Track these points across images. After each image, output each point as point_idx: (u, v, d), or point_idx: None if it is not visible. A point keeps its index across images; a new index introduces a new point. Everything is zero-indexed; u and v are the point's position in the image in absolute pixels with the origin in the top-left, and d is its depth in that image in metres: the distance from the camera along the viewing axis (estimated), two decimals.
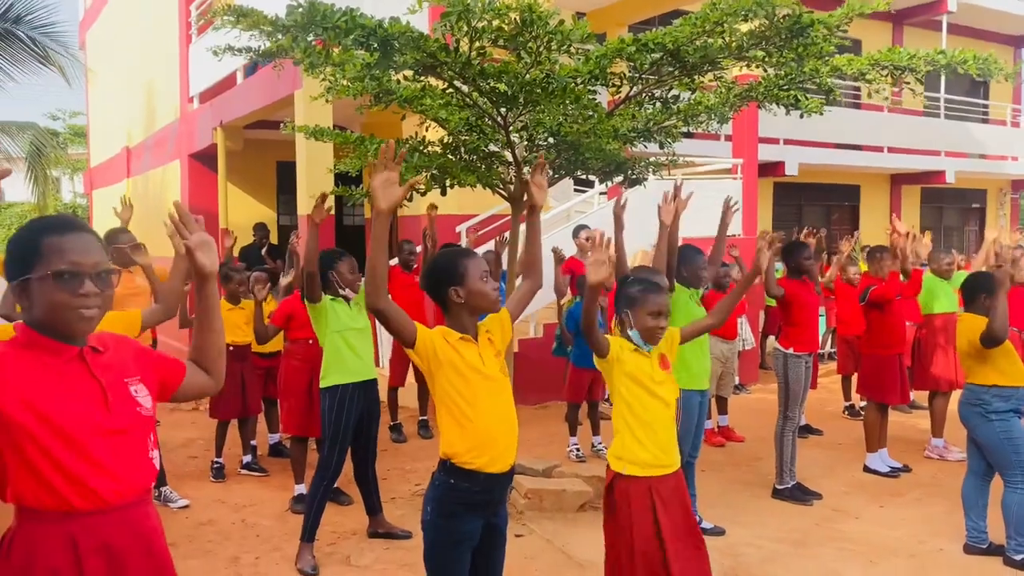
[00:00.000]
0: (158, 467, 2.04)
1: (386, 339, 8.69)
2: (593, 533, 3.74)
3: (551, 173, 5.71)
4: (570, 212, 10.55)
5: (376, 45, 4.05)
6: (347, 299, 4.72)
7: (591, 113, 4.74)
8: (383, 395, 6.78)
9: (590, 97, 4.71)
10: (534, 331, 8.87)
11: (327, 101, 5.39)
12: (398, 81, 4.89)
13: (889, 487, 6.02)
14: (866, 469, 6.35)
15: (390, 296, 2.69)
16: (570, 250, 8.17)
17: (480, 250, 7.98)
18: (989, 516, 4.70)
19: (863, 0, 4.47)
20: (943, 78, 14.65)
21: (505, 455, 2.78)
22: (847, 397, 8.38)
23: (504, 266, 6.17)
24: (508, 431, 2.80)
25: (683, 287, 4.92)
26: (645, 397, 3.16)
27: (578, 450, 6.60)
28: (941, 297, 6.93)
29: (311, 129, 5.60)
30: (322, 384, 4.63)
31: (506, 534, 2.97)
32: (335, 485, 4.84)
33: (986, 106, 18.21)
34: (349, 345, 4.62)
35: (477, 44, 4.26)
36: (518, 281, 3.20)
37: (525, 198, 3.06)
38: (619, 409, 3.21)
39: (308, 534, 4.50)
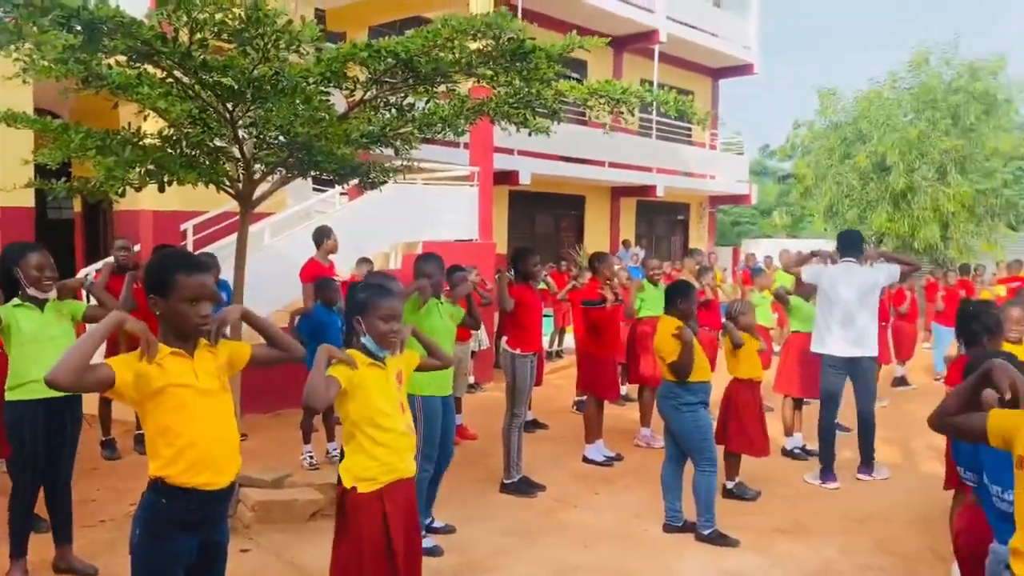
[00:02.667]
0: None
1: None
2: (324, 542, 3.67)
3: (284, 172, 5.55)
4: (309, 211, 10.32)
5: (80, 28, 3.67)
6: (37, 301, 4.16)
7: (323, 115, 4.66)
8: (92, 408, 6.20)
9: (322, 98, 4.63)
10: None
11: (24, 82, 4.80)
12: (109, 66, 4.48)
13: (604, 475, 6.56)
14: (585, 459, 6.87)
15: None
16: (305, 251, 7.99)
17: (217, 248, 7.56)
18: (684, 498, 5.29)
19: (580, 39, 4.83)
20: (655, 103, 16.25)
21: (225, 471, 2.66)
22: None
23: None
24: (227, 446, 2.68)
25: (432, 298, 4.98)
26: (379, 418, 3.11)
27: (311, 457, 6.46)
28: (648, 301, 7.66)
29: (4, 114, 4.96)
30: (6, 398, 4.11)
31: (227, 550, 2.84)
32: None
33: (690, 129, 20.45)
34: (38, 357, 3.96)
35: (199, 35, 4.02)
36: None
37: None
38: (351, 430, 3.14)
39: (16, 550, 4.17)
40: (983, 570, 2.81)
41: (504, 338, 6.26)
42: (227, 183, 5.23)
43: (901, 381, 10.57)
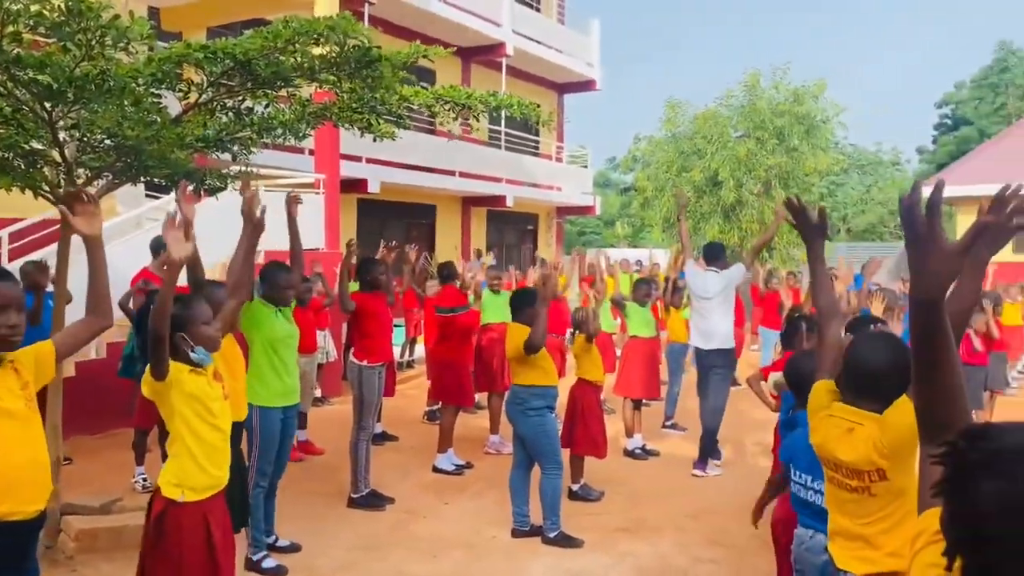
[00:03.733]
0: None
1: None
2: None
3: (111, 178, 5.22)
4: (141, 219, 9.74)
5: None
6: None
7: (154, 118, 4.42)
8: None
9: (153, 100, 4.40)
10: (96, 351, 7.99)
11: None
12: None
13: (454, 484, 6.57)
14: (435, 469, 6.86)
15: None
16: (138, 260, 7.55)
17: (38, 258, 6.98)
18: (532, 501, 5.38)
19: (425, 48, 4.85)
20: (503, 114, 16.54)
21: (30, 499, 2.47)
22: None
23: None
24: (34, 472, 2.48)
25: (268, 304, 4.81)
26: (207, 417, 3.05)
27: (144, 480, 6.09)
28: (491, 309, 7.76)
29: None
30: None
31: None
32: None
33: (537, 142, 20.93)
34: None
35: (11, 28, 3.72)
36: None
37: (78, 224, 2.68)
38: (179, 432, 3.03)
39: None
40: None
41: (352, 349, 6.16)
42: (46, 188, 4.86)
43: (732, 381, 11.24)
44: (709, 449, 6.94)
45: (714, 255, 7.31)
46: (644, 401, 7.76)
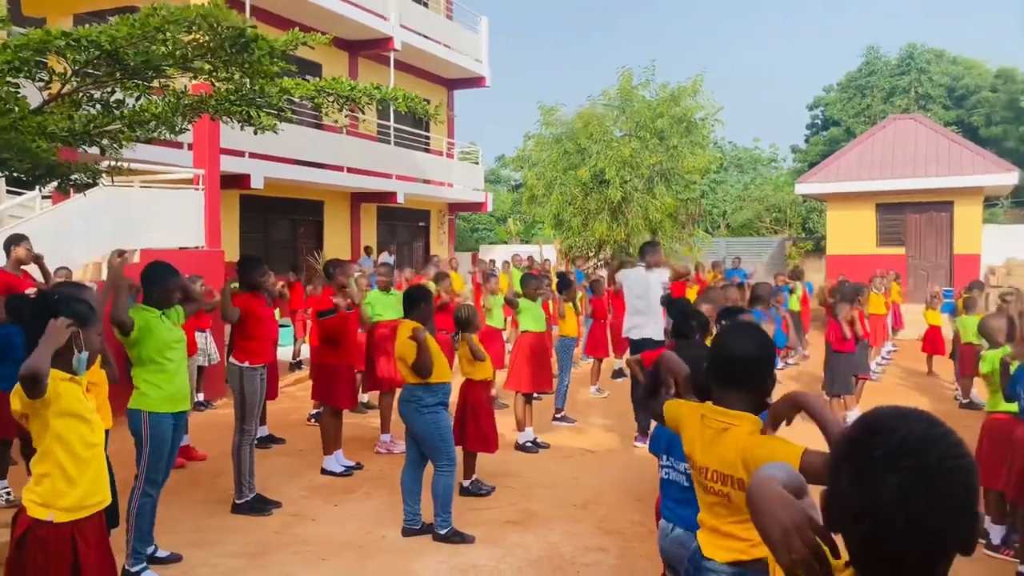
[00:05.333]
0: None
1: None
2: None
3: None
4: (2, 217, 9.13)
5: None
6: None
7: (11, 107, 4.15)
8: None
9: (10, 89, 4.12)
10: None
11: None
12: None
13: (343, 485, 6.46)
14: (323, 471, 6.72)
15: None
16: None
17: None
18: (424, 500, 5.35)
19: (304, 35, 4.74)
20: (392, 109, 16.32)
21: None
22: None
23: None
24: None
25: (152, 307, 4.59)
26: (83, 430, 2.88)
27: (8, 494, 5.72)
28: (379, 307, 7.65)
29: None
30: None
31: None
32: None
33: (428, 138, 20.80)
34: None
35: None
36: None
37: None
38: (50, 450, 2.84)
39: None
40: None
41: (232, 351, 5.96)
42: None
43: (619, 373, 11.54)
44: (647, 424, 7.38)
45: (647, 256, 8.02)
46: (535, 394, 7.85)
